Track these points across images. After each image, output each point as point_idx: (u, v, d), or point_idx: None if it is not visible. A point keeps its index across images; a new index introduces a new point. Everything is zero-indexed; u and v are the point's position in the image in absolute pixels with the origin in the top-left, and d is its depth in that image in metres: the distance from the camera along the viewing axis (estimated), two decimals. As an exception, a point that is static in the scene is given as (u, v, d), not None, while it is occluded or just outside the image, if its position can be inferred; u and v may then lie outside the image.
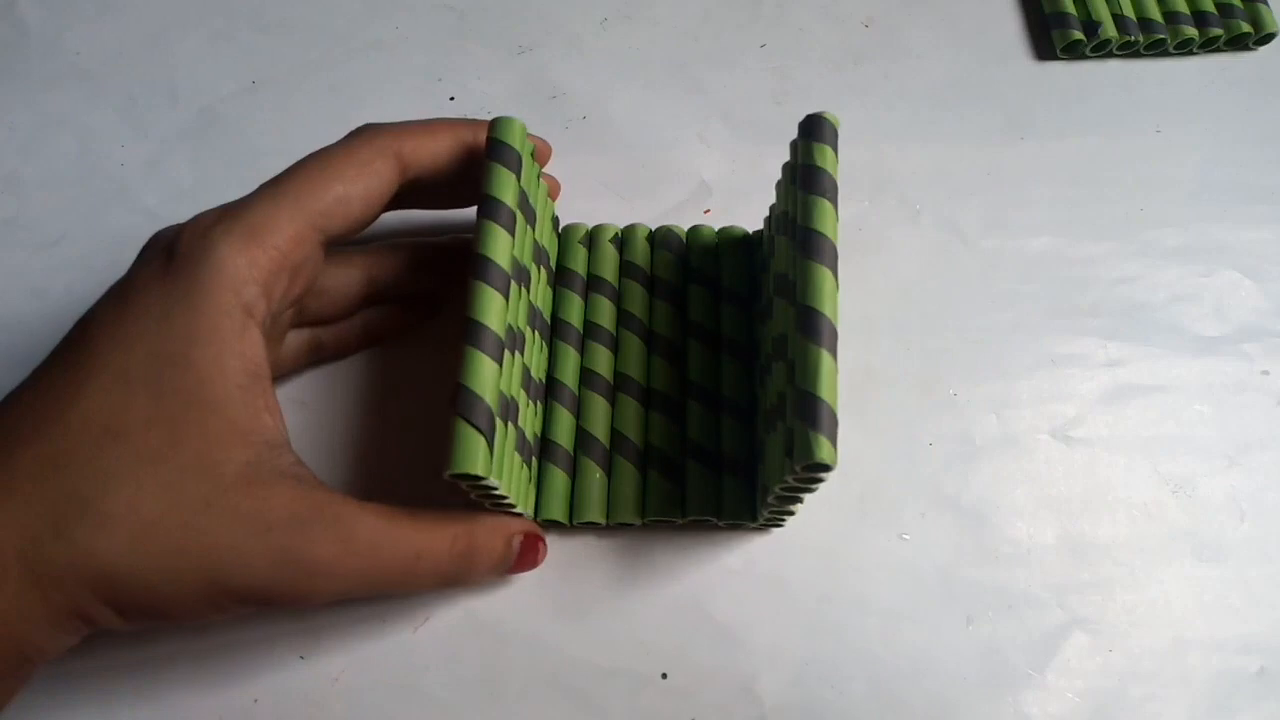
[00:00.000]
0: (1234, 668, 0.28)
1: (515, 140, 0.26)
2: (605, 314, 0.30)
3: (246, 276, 0.23)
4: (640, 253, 0.32)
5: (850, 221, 0.34)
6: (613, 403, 0.29)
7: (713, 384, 0.29)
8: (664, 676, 0.27)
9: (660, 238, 0.32)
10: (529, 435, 0.27)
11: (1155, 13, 0.38)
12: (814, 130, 0.26)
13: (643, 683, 0.27)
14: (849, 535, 0.29)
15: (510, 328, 0.25)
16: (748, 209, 0.33)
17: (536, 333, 0.29)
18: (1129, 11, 0.38)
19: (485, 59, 0.37)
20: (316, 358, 0.30)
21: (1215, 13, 0.38)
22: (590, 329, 0.30)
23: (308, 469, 0.23)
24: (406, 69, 0.37)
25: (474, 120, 0.28)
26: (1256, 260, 0.34)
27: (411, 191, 0.27)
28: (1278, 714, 0.28)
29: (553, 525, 0.28)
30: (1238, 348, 0.33)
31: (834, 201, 0.25)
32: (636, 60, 0.37)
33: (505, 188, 0.25)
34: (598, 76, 0.37)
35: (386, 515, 0.23)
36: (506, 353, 0.24)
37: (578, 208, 0.34)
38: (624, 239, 0.32)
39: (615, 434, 0.29)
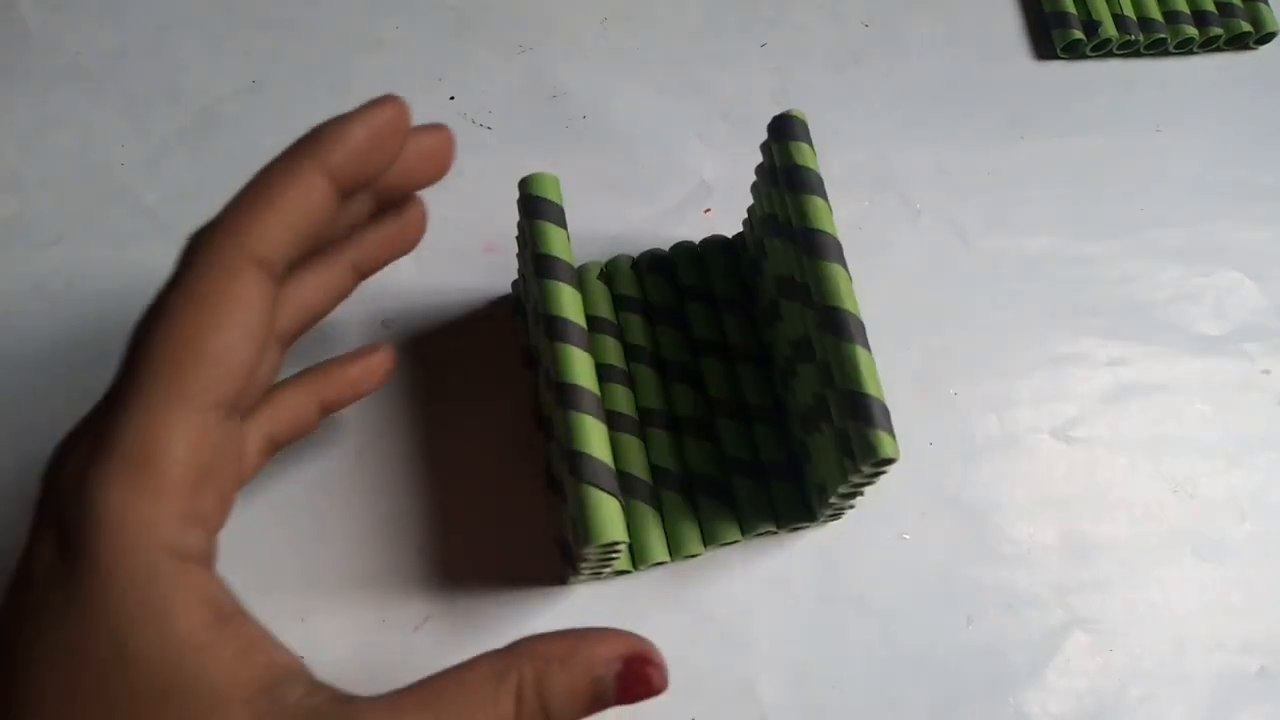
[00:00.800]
0: (1234, 667, 0.28)
1: (553, 194, 0.26)
2: (612, 352, 0.29)
3: (154, 520, 0.17)
4: (629, 283, 0.31)
5: (850, 221, 0.34)
6: (644, 439, 0.28)
7: (735, 395, 0.29)
8: (664, 676, 0.27)
9: (646, 263, 0.31)
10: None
11: (1155, 12, 0.38)
12: (786, 130, 0.26)
13: (643, 682, 0.27)
14: (849, 535, 0.29)
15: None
16: (747, 206, 0.33)
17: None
18: (1129, 11, 0.38)
19: (485, 59, 0.37)
20: (278, 451, 0.25)
21: (1215, 12, 0.38)
22: (602, 371, 0.29)
23: (322, 689, 0.19)
24: (406, 69, 0.37)
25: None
26: (1257, 260, 0.34)
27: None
28: (1278, 714, 0.28)
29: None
30: (1239, 347, 0.33)
31: (824, 196, 0.25)
32: (636, 60, 0.37)
33: (557, 244, 0.25)
34: (598, 76, 0.37)
35: (427, 706, 0.19)
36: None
37: (578, 208, 0.34)
38: (609, 273, 0.31)
39: (655, 469, 0.28)
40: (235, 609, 0.19)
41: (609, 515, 0.22)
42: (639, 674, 0.20)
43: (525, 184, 0.26)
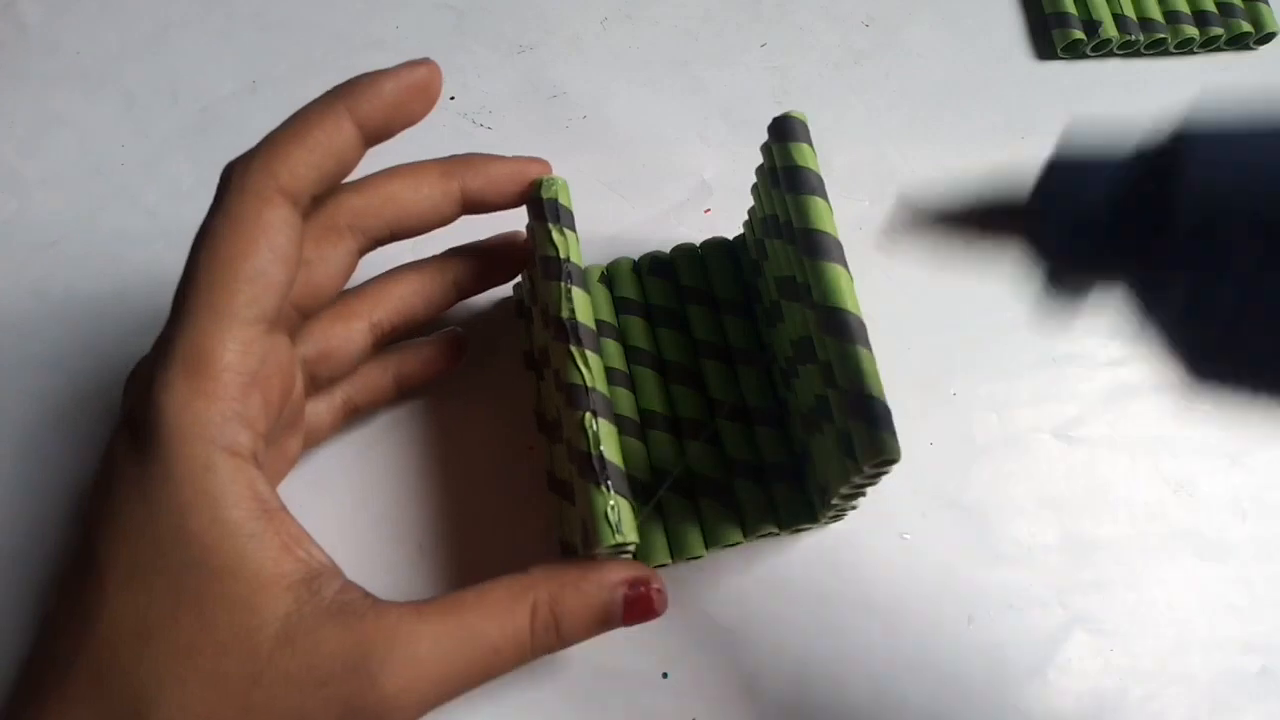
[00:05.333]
0: (1235, 667, 0.28)
1: (564, 198, 0.26)
2: (613, 354, 0.29)
3: (208, 419, 0.20)
4: (630, 286, 0.31)
5: (850, 221, 0.34)
6: (645, 441, 0.28)
7: (736, 397, 0.29)
8: (664, 676, 0.27)
9: (646, 265, 0.31)
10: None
11: (1156, 12, 0.38)
12: (787, 131, 0.26)
13: (643, 683, 0.27)
14: (849, 535, 0.29)
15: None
16: (748, 208, 0.33)
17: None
18: (1129, 11, 0.38)
19: (485, 59, 0.37)
20: (354, 418, 0.29)
21: (1216, 12, 0.38)
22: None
23: (353, 587, 0.21)
24: (406, 69, 0.37)
25: (450, 160, 0.26)
26: (1257, 260, 0.34)
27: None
28: (1278, 714, 0.28)
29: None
30: (1238, 347, 0.33)
31: (825, 196, 0.25)
32: (636, 60, 0.37)
33: (573, 249, 0.25)
34: (598, 76, 0.37)
35: (448, 613, 0.21)
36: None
37: (578, 208, 0.34)
38: (610, 275, 0.31)
39: (657, 472, 0.28)
40: (278, 505, 0.21)
41: (621, 516, 0.22)
42: (643, 596, 0.23)
43: (538, 186, 0.26)
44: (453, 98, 0.36)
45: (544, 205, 0.26)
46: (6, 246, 0.33)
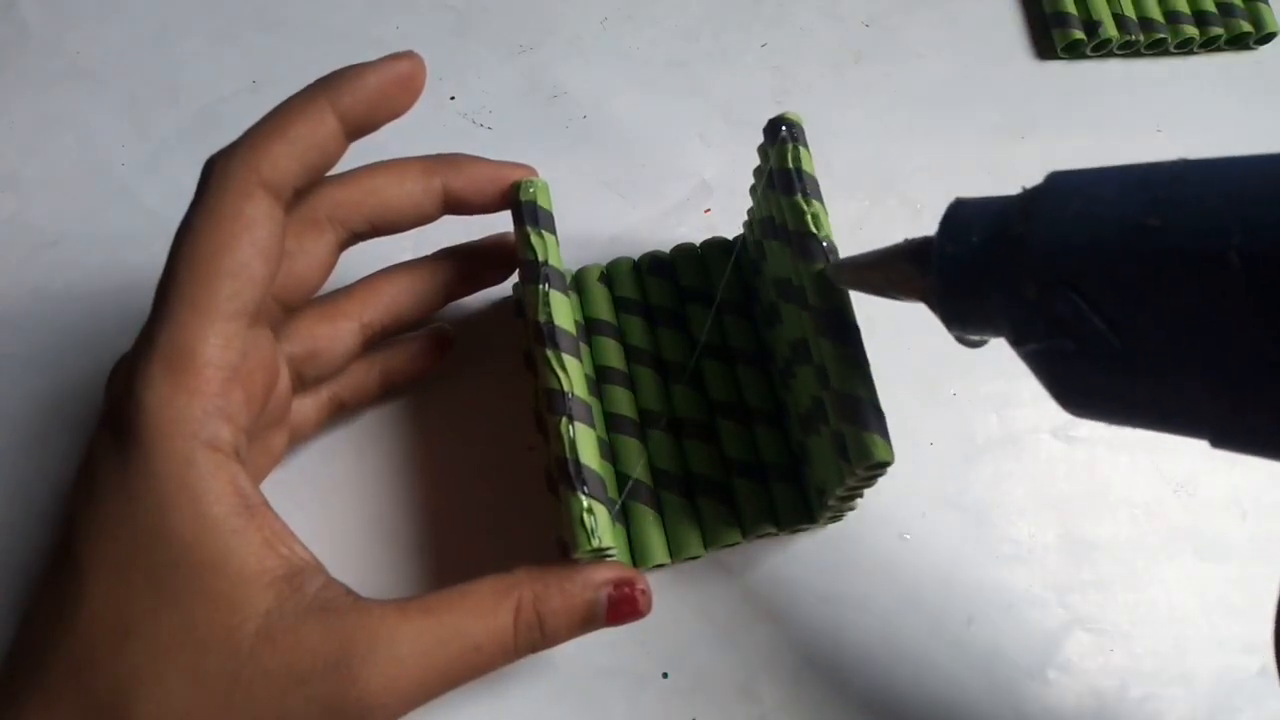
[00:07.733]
0: (1235, 667, 0.28)
1: (543, 200, 0.26)
2: (612, 354, 0.29)
3: (189, 414, 0.20)
4: (630, 285, 0.31)
5: (850, 221, 0.34)
6: (644, 440, 0.28)
7: (735, 397, 0.29)
8: (664, 676, 0.27)
9: (646, 265, 0.31)
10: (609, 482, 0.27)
11: (1156, 12, 0.38)
12: (781, 133, 0.26)
13: (643, 683, 0.27)
14: (849, 535, 0.29)
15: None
16: (748, 208, 0.33)
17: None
18: (1129, 11, 0.38)
19: (485, 59, 0.37)
20: (340, 415, 0.29)
21: (1216, 12, 0.38)
22: (602, 373, 0.29)
23: (336, 585, 0.21)
24: (407, 69, 0.37)
25: (434, 158, 0.26)
26: (1257, 260, 0.34)
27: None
28: (1278, 714, 0.28)
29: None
30: (1238, 347, 0.33)
31: (819, 198, 0.25)
32: (636, 60, 0.37)
33: (551, 252, 0.25)
34: (598, 76, 0.37)
35: (431, 611, 0.21)
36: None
37: (578, 208, 0.34)
38: (610, 275, 0.31)
39: (656, 471, 0.28)
40: (260, 501, 0.21)
41: (597, 522, 0.22)
42: (628, 597, 0.23)
43: (517, 189, 0.26)
44: (453, 98, 0.36)
45: (522, 208, 0.26)
46: (6, 246, 0.33)
